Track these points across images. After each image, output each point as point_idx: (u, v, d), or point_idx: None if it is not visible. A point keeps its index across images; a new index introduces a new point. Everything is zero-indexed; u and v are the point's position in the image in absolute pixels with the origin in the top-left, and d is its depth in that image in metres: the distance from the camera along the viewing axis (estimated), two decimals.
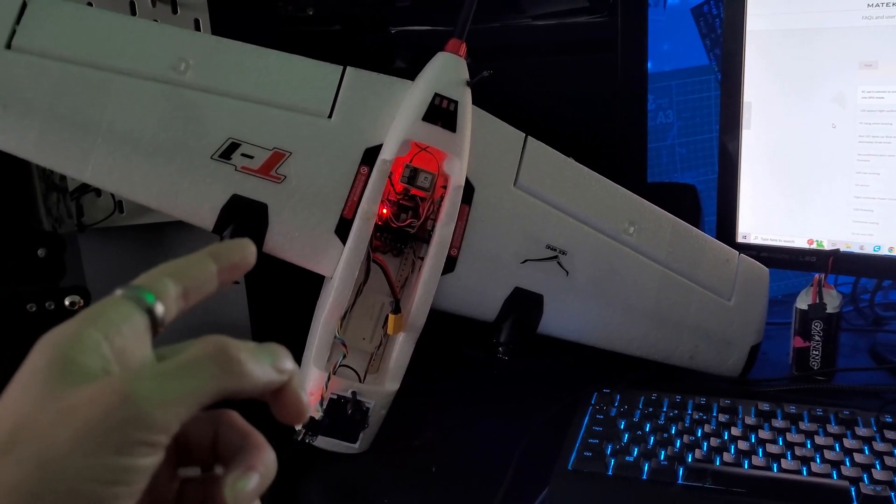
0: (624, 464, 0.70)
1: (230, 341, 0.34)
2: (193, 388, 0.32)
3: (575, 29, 0.98)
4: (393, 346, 0.78)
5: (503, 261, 0.81)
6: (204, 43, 0.79)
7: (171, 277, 0.36)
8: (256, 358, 0.34)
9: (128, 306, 0.34)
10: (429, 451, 0.81)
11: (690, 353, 0.88)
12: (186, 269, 0.36)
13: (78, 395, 0.30)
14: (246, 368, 0.33)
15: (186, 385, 0.32)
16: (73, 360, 0.31)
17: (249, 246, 0.39)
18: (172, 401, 0.31)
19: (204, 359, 0.33)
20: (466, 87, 0.78)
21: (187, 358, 0.33)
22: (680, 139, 1.20)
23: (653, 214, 0.87)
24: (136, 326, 0.34)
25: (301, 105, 0.78)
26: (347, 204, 0.77)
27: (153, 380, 0.31)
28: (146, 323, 0.34)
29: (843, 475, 0.68)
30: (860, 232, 0.93)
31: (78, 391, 0.30)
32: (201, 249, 0.38)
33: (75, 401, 0.30)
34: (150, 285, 0.35)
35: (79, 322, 0.33)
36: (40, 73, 0.73)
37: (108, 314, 0.33)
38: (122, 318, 0.33)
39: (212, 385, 0.32)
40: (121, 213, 0.97)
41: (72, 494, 0.29)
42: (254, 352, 0.34)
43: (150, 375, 0.32)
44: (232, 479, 0.35)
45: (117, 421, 0.30)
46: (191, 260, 0.37)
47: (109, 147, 0.74)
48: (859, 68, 0.90)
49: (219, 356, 0.33)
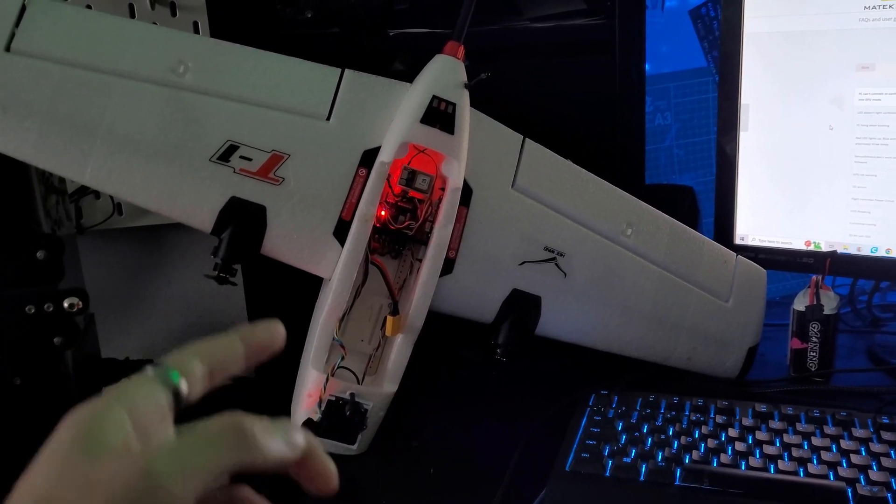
0: (621, 465, 0.70)
1: (245, 417, 0.35)
2: (209, 461, 0.34)
3: (573, 31, 0.99)
4: (391, 348, 0.79)
5: (501, 262, 0.81)
6: (203, 45, 0.80)
7: (200, 358, 0.38)
8: (269, 433, 0.36)
9: (153, 385, 0.36)
10: (427, 452, 0.81)
11: (688, 355, 0.88)
12: (215, 351, 0.39)
13: (100, 470, 0.32)
14: (259, 442, 0.35)
15: (202, 458, 0.34)
16: (97, 435, 0.33)
17: (279, 329, 0.41)
18: (189, 473, 0.33)
19: (219, 433, 0.35)
20: (464, 90, 0.78)
21: (203, 432, 0.34)
22: (678, 141, 1.20)
23: (650, 216, 0.87)
24: (159, 404, 0.35)
25: (299, 107, 0.78)
26: (346, 206, 0.77)
27: (171, 454, 0.33)
28: (169, 401, 0.36)
29: (839, 476, 0.68)
30: (858, 233, 0.94)
31: (100, 466, 0.32)
32: (232, 331, 0.40)
33: (97, 475, 0.32)
34: (178, 365, 0.37)
35: (105, 399, 0.35)
36: (40, 75, 0.73)
37: (134, 392, 0.35)
38: (147, 395, 0.35)
39: (226, 457, 0.34)
40: (119, 215, 0.98)
41: None
42: (267, 427, 0.36)
43: (167, 450, 0.34)
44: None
45: (137, 494, 0.31)
46: (221, 341, 0.39)
47: (108, 149, 0.74)
48: (856, 70, 0.91)
49: (233, 430, 0.35)
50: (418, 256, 0.81)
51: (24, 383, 0.81)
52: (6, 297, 0.79)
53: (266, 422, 0.36)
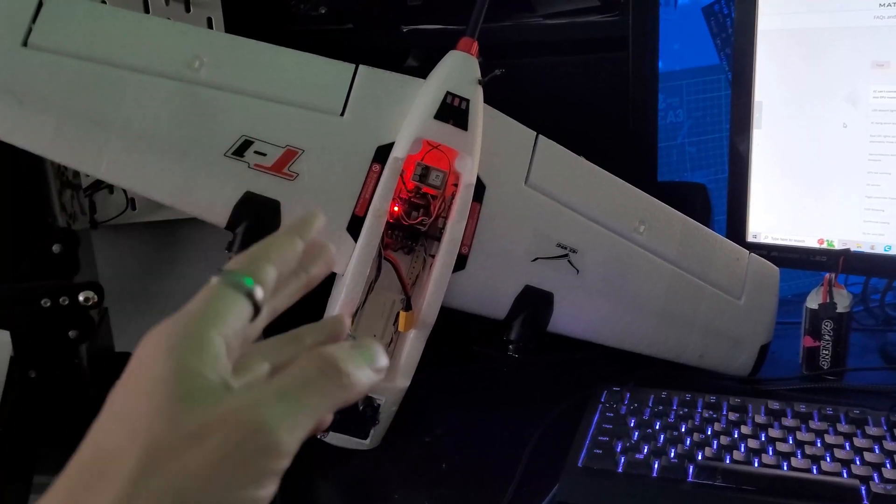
0: (634, 461, 0.70)
1: (336, 353, 0.33)
2: (313, 409, 0.32)
3: (586, 28, 0.98)
4: (404, 344, 0.79)
5: (514, 259, 0.81)
6: (217, 41, 0.80)
7: (268, 260, 0.35)
8: (358, 364, 0.33)
9: (235, 298, 0.33)
10: (439, 447, 0.81)
11: (700, 352, 0.88)
12: (279, 250, 0.36)
13: (208, 418, 0.29)
14: (354, 380, 0.33)
15: (306, 406, 0.31)
16: (197, 372, 0.30)
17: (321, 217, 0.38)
18: (298, 425, 0.31)
19: (318, 376, 0.32)
20: (478, 86, 0.78)
21: (301, 375, 0.32)
22: (690, 138, 1.20)
23: (663, 213, 0.87)
24: (243, 319, 0.33)
25: (313, 103, 0.78)
26: (359, 201, 0.78)
27: (279, 404, 0.31)
28: (251, 311, 0.34)
29: (853, 474, 0.68)
30: (871, 232, 0.93)
31: (207, 413, 0.30)
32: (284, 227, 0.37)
33: (206, 425, 0.29)
34: (250, 270, 0.34)
35: (194, 322, 0.32)
36: (56, 70, 0.74)
37: (221, 311, 0.32)
38: (233, 312, 0.33)
39: (327, 403, 0.32)
40: (133, 209, 0.98)
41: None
42: (356, 359, 0.34)
43: (274, 398, 0.31)
44: None
45: (252, 452, 0.29)
46: (280, 238, 0.36)
47: (123, 144, 0.75)
48: (871, 68, 0.90)
49: (331, 371, 0.32)
50: (431, 252, 0.81)
51: (39, 376, 0.81)
52: (22, 291, 0.80)
53: (352, 350, 0.34)
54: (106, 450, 0.29)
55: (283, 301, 0.37)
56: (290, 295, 0.37)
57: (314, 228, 0.38)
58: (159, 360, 0.31)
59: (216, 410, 0.30)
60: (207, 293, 0.33)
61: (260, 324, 0.36)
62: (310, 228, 0.38)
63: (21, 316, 0.80)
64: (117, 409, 0.31)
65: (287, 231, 0.37)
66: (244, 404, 0.30)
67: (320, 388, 0.32)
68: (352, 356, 0.34)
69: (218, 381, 0.31)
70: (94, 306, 0.81)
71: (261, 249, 0.35)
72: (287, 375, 0.32)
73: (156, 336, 0.32)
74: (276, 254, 0.36)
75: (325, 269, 0.39)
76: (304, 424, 0.31)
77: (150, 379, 0.30)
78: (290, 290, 0.37)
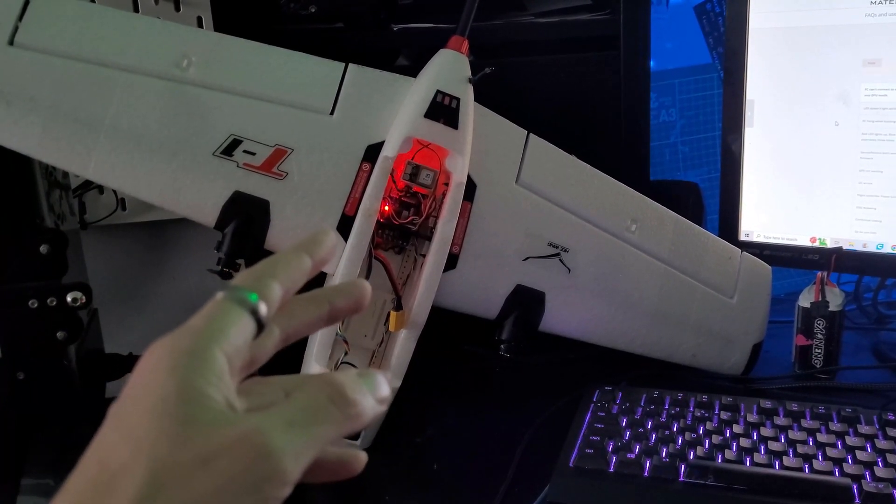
0: (625, 461, 0.70)
1: (344, 381, 0.33)
2: (319, 438, 0.31)
3: (577, 26, 0.98)
4: (394, 344, 0.78)
5: (505, 258, 0.81)
6: (206, 40, 0.79)
7: (274, 276, 0.35)
8: (364, 394, 0.33)
9: (238, 314, 0.33)
10: (430, 448, 0.81)
11: (692, 351, 0.88)
12: (286, 267, 0.36)
13: (213, 441, 0.29)
14: (361, 409, 0.33)
15: (313, 435, 0.31)
16: (201, 391, 0.30)
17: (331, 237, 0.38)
18: (303, 453, 0.31)
19: (326, 404, 0.32)
20: (468, 84, 0.78)
21: (309, 403, 0.32)
22: (683, 137, 1.20)
23: (655, 212, 0.86)
24: (246, 334, 0.33)
25: (303, 102, 0.78)
26: (349, 201, 0.77)
27: (285, 432, 0.30)
28: (254, 328, 0.33)
29: (845, 473, 0.68)
30: (863, 230, 0.93)
31: (213, 436, 0.29)
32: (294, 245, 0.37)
33: (213, 449, 0.29)
34: (255, 286, 0.34)
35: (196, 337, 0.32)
36: (43, 69, 0.73)
37: (225, 327, 0.32)
38: (235, 328, 0.32)
39: (334, 432, 0.32)
40: (123, 210, 0.98)
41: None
42: (361, 387, 0.33)
43: (281, 425, 0.31)
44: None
45: (258, 478, 0.29)
46: (289, 256, 0.36)
47: (112, 144, 0.74)
48: (862, 66, 0.90)
49: (339, 400, 0.32)
50: (422, 252, 0.81)
51: (28, 378, 0.81)
52: (9, 292, 0.79)
53: (356, 378, 0.34)
54: (111, 467, 0.29)
55: (301, 328, 0.37)
56: (310, 323, 0.37)
57: (324, 247, 0.38)
58: (162, 378, 0.30)
59: (222, 434, 0.30)
60: (211, 309, 0.33)
61: (270, 346, 0.36)
62: (319, 247, 0.38)
63: (9, 317, 0.79)
64: (121, 425, 0.30)
65: (295, 249, 0.37)
66: (251, 429, 0.30)
67: (328, 416, 0.32)
68: (359, 385, 0.33)
69: (222, 402, 0.31)
70: (82, 307, 0.80)
71: (267, 266, 0.35)
72: (295, 402, 0.32)
73: (158, 351, 0.32)
74: (282, 271, 0.35)
75: (351, 307, 0.38)
76: (310, 452, 0.31)
77: (153, 396, 0.30)
78: (309, 317, 0.37)
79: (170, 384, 0.30)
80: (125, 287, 1.03)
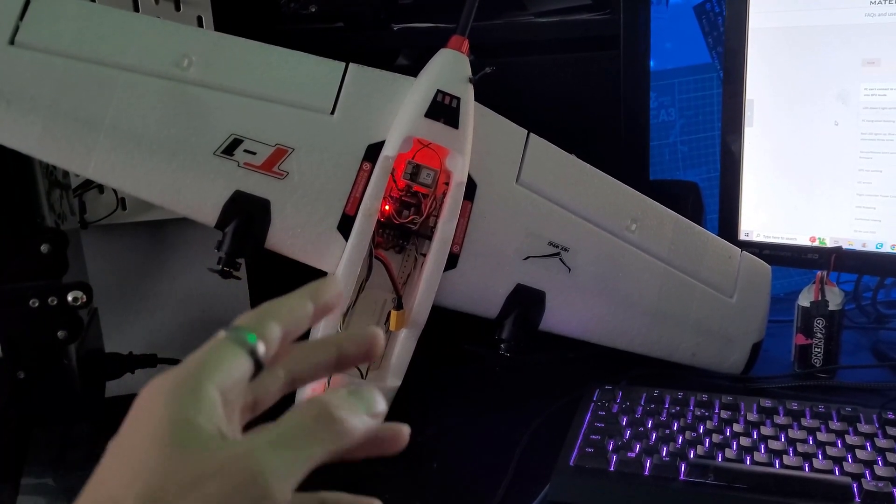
0: (626, 460, 0.70)
1: (331, 400, 0.33)
2: (308, 458, 0.32)
3: (578, 26, 0.98)
4: (395, 343, 0.78)
5: (505, 257, 0.81)
6: (207, 39, 0.79)
7: (274, 318, 0.36)
8: (354, 411, 0.34)
9: (235, 352, 0.34)
10: (431, 447, 0.81)
11: (692, 351, 0.88)
12: (288, 311, 0.37)
13: (203, 466, 0.30)
14: (349, 427, 0.33)
15: (301, 455, 0.32)
16: (192, 421, 0.31)
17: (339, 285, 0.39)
18: (291, 474, 0.31)
19: (312, 424, 0.33)
20: (469, 84, 0.78)
21: (296, 424, 0.33)
22: (682, 137, 1.20)
23: (655, 211, 0.87)
24: (242, 372, 0.34)
25: (304, 101, 0.78)
26: (350, 200, 0.77)
27: (273, 453, 0.31)
28: (251, 367, 0.34)
29: (845, 471, 0.68)
30: (862, 229, 0.93)
31: (202, 461, 0.30)
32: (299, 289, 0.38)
33: (203, 472, 0.30)
34: (254, 327, 0.35)
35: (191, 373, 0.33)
36: (44, 69, 0.73)
37: (220, 364, 0.33)
38: (233, 366, 0.34)
39: (321, 452, 0.32)
40: (123, 209, 0.98)
41: None
42: (352, 406, 0.34)
43: (268, 447, 0.31)
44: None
45: (248, 499, 0.30)
46: (292, 300, 0.37)
47: (112, 143, 0.74)
48: (862, 66, 0.90)
49: (325, 419, 0.33)
50: (422, 251, 0.81)
51: (28, 377, 0.81)
52: (10, 291, 0.79)
53: (348, 397, 0.34)
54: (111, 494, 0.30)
55: (308, 373, 0.38)
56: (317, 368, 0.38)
57: (328, 293, 0.39)
58: (157, 410, 0.32)
59: (211, 458, 0.30)
60: (209, 346, 0.34)
61: (275, 388, 0.37)
62: (324, 293, 0.38)
63: (9, 316, 0.79)
64: (120, 453, 0.32)
65: (300, 293, 0.38)
66: (239, 453, 0.31)
67: (315, 436, 0.32)
68: (348, 403, 0.34)
69: (212, 430, 0.32)
70: (82, 306, 0.80)
71: (270, 308, 0.36)
72: (281, 424, 0.33)
73: (155, 386, 0.33)
74: (284, 314, 0.36)
75: (362, 356, 0.39)
76: (298, 473, 0.32)
77: (147, 428, 0.31)
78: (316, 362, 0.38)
79: (164, 415, 0.31)
80: (125, 287, 1.03)
